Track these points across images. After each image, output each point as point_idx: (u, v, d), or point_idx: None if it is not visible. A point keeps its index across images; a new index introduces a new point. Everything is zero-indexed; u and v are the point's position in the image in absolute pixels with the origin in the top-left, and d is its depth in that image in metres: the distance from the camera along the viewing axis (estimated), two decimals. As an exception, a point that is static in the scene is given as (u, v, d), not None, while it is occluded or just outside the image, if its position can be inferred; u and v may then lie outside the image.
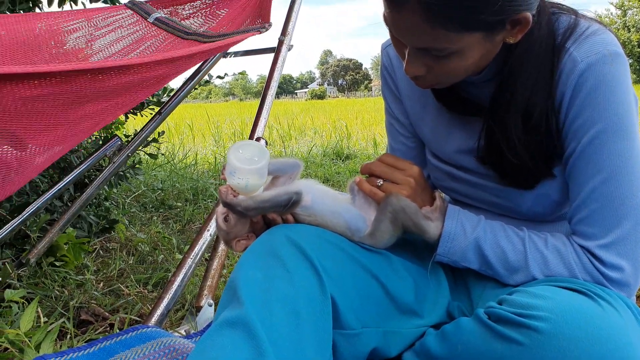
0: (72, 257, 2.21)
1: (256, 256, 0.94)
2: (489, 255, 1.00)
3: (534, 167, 0.99)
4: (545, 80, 0.95)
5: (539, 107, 0.96)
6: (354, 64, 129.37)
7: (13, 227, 2.07)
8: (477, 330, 0.88)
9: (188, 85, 2.54)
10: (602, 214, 0.93)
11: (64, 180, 2.26)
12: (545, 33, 0.95)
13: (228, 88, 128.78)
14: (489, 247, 1.00)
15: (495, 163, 1.04)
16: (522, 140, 0.97)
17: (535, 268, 0.97)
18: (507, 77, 0.97)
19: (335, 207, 1.05)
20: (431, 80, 0.99)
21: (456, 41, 0.88)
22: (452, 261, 1.03)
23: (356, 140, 7.23)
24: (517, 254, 0.98)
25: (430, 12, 0.83)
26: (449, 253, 1.02)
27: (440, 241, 1.02)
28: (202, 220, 3.08)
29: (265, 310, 0.85)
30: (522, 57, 0.95)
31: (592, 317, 0.80)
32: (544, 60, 0.95)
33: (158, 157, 3.75)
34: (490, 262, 1.00)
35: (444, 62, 0.92)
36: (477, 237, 1.00)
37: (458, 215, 1.03)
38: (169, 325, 1.67)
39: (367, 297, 1.00)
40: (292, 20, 2.20)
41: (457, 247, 1.02)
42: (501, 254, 0.99)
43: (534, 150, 0.98)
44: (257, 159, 0.96)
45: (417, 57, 0.94)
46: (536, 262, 0.97)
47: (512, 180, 1.04)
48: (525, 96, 0.96)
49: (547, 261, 0.97)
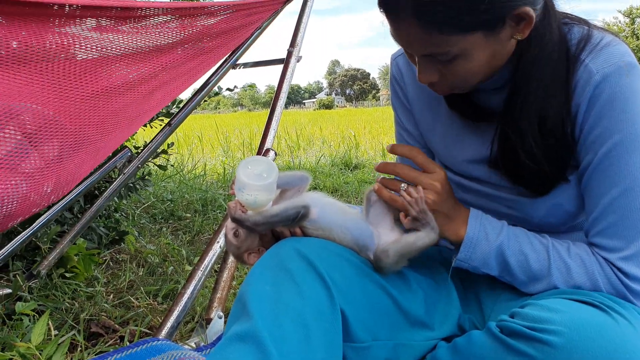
0: (83, 269, 2.22)
1: (265, 269, 0.94)
2: (511, 262, 0.98)
3: (550, 170, 0.98)
4: (560, 84, 0.95)
5: (554, 111, 0.95)
6: (362, 73, 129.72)
7: (24, 239, 2.08)
8: (490, 344, 0.87)
9: (198, 96, 2.55)
10: (622, 226, 0.92)
11: (74, 191, 2.27)
12: (557, 37, 0.95)
13: (236, 99, 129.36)
14: (512, 254, 0.98)
15: (509, 168, 1.02)
16: (538, 143, 0.96)
17: (558, 278, 0.96)
18: (519, 80, 0.97)
19: (343, 221, 1.04)
20: (446, 85, 0.98)
21: (456, 44, 0.88)
22: (471, 267, 1.01)
23: (364, 150, 7.23)
24: (540, 262, 0.97)
25: (423, 19, 0.85)
26: (470, 259, 1.00)
27: (462, 246, 1.00)
28: (211, 231, 3.08)
29: (275, 323, 0.85)
30: (534, 60, 0.95)
31: (605, 330, 0.79)
32: (558, 65, 0.95)
33: (167, 168, 3.77)
34: (511, 269, 0.99)
35: (452, 66, 0.92)
36: (500, 244, 0.99)
37: (481, 219, 1.02)
38: (179, 338, 1.66)
39: (377, 309, 0.99)
40: (301, 31, 2.22)
41: (479, 253, 1.00)
42: (524, 261, 0.98)
43: (550, 153, 0.97)
44: (265, 175, 0.96)
45: (427, 64, 0.95)
46: (559, 271, 0.96)
47: (527, 185, 1.02)
48: (539, 99, 0.95)
49: (570, 271, 0.95)
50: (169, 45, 1.47)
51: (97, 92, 1.27)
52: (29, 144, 1.13)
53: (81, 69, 1.20)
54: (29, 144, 1.13)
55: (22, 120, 1.10)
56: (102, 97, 1.30)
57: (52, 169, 1.22)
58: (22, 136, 1.11)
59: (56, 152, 1.21)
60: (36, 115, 1.13)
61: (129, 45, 1.33)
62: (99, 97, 1.29)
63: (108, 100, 1.33)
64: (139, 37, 1.34)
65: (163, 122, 2.94)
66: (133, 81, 1.40)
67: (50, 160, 1.21)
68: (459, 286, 1.13)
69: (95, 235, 2.62)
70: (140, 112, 1.52)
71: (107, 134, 1.40)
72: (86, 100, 1.24)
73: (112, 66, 1.31)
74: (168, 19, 1.42)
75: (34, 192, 1.19)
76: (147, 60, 1.42)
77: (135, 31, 1.32)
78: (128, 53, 1.34)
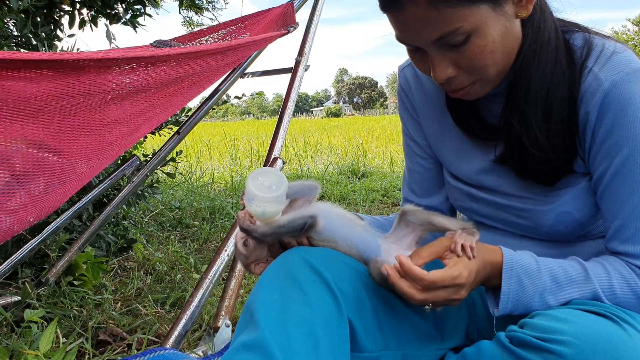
0: (91, 277, 2.23)
1: (273, 279, 0.94)
2: (553, 305, 0.94)
3: (555, 158, 0.97)
4: (562, 72, 0.95)
5: (559, 98, 0.95)
6: (369, 82, 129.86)
7: (33, 247, 2.10)
8: (499, 354, 0.86)
9: (206, 105, 2.57)
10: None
11: (83, 199, 2.29)
12: (551, 26, 0.96)
13: (244, 107, 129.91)
14: (554, 300, 0.94)
15: (515, 160, 1.02)
16: (543, 131, 0.96)
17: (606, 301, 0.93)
18: (520, 68, 0.97)
19: (348, 234, 1.04)
20: (465, 79, 0.96)
21: (466, 19, 0.87)
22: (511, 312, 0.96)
23: (372, 159, 7.22)
24: (583, 296, 0.94)
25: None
26: (509, 310, 0.94)
27: (500, 304, 0.93)
28: (219, 239, 3.08)
29: (282, 333, 0.84)
30: (533, 48, 0.95)
31: (616, 341, 0.78)
32: (558, 53, 0.95)
33: (176, 176, 3.78)
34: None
35: (467, 49, 0.91)
36: (541, 291, 0.93)
37: (513, 269, 0.94)
38: (187, 346, 1.66)
39: (386, 320, 0.98)
40: (309, 41, 2.23)
41: (518, 304, 0.94)
42: (567, 301, 0.94)
43: (555, 141, 0.97)
44: (275, 187, 0.96)
45: (440, 56, 0.93)
46: (607, 298, 0.93)
47: (534, 176, 1.01)
48: (542, 87, 0.95)
49: (616, 295, 0.93)
50: (169, 81, 1.48)
51: (92, 127, 1.29)
52: (17, 184, 1.15)
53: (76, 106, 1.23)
54: (16, 184, 1.15)
55: (12, 164, 1.12)
56: (96, 132, 1.32)
57: (37, 203, 1.24)
58: (11, 177, 1.14)
59: (42, 188, 1.23)
60: (26, 157, 1.15)
61: (133, 85, 1.36)
62: (93, 132, 1.31)
63: (101, 135, 1.35)
64: (140, 78, 1.37)
65: (172, 130, 2.96)
66: (127, 115, 1.41)
67: (36, 196, 1.23)
68: (467, 297, 1.13)
69: (104, 242, 2.63)
70: (130, 139, 1.53)
71: (96, 166, 1.42)
72: (81, 135, 1.27)
73: (111, 104, 1.33)
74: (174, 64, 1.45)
75: (17, 224, 1.21)
76: (146, 96, 1.44)
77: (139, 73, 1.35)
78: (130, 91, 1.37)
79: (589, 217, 1.02)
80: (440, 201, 1.27)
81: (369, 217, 1.23)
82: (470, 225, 1.00)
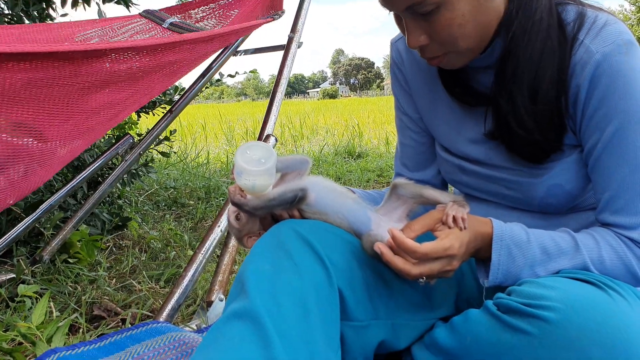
0: (85, 254, 2.23)
1: (264, 250, 0.95)
2: (542, 276, 0.94)
3: (542, 139, 0.98)
4: (552, 52, 0.94)
5: (547, 78, 0.95)
6: (366, 62, 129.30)
7: (27, 225, 2.10)
8: (486, 322, 0.87)
9: (199, 83, 2.55)
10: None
11: (77, 178, 2.28)
12: (546, 3, 0.95)
13: (240, 88, 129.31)
14: (544, 271, 0.94)
15: (504, 138, 1.02)
16: (529, 111, 0.96)
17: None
18: (510, 47, 0.96)
19: (339, 206, 1.04)
20: (437, 48, 0.97)
21: None
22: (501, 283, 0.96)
23: (368, 139, 7.22)
24: (573, 267, 0.94)
25: None
26: (499, 281, 0.95)
27: (490, 274, 0.94)
28: (214, 218, 3.09)
29: (273, 301, 0.85)
30: (524, 30, 0.95)
31: (601, 307, 0.79)
32: (549, 34, 0.95)
33: (170, 156, 3.77)
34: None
35: (436, 21, 0.91)
36: (531, 262, 0.94)
37: (503, 240, 0.95)
38: (181, 320, 1.68)
39: (376, 289, 0.99)
40: (302, 17, 2.21)
41: (508, 275, 0.94)
42: (556, 272, 0.95)
43: (542, 122, 0.97)
44: (264, 160, 0.96)
45: (414, 23, 0.94)
46: (596, 269, 0.94)
47: (522, 153, 1.02)
48: (531, 68, 0.95)
49: (605, 266, 0.93)
50: (150, 69, 1.47)
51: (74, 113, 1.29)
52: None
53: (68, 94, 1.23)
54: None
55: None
56: (79, 117, 1.32)
57: (16, 186, 1.24)
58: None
59: (22, 172, 1.24)
60: (6, 145, 1.15)
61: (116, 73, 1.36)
62: (73, 118, 1.31)
63: (84, 120, 1.35)
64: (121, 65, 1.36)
65: (165, 109, 2.94)
66: (111, 102, 1.41)
67: (15, 180, 1.23)
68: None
69: (99, 221, 2.63)
70: (111, 123, 1.54)
71: (75, 149, 1.42)
72: (66, 121, 1.27)
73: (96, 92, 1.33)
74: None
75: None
76: (130, 84, 1.44)
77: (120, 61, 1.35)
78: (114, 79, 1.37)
79: (579, 189, 1.02)
80: (432, 175, 1.27)
81: (360, 191, 1.23)
82: (461, 198, 1.00)
